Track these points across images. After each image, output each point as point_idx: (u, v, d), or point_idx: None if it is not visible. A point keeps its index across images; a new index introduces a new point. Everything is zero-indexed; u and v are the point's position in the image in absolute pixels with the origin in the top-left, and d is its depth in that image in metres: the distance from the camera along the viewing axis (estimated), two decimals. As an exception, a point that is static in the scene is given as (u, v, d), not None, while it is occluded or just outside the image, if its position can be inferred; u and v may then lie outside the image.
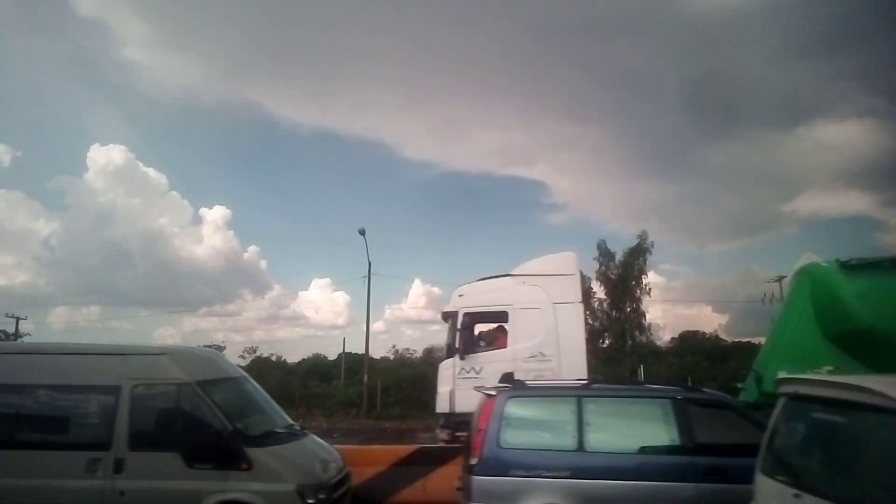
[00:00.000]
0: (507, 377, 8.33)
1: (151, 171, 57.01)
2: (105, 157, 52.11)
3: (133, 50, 60.85)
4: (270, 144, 67.35)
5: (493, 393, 6.08)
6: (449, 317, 9.08)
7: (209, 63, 61.86)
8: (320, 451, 6.72)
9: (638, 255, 29.06)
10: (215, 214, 55.82)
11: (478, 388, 6.45)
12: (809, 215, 54.80)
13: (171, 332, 49.87)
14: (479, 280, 9.43)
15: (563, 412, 5.82)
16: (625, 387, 6.82)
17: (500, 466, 5.50)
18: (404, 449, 8.63)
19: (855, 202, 55.02)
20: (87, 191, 53.77)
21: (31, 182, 65.35)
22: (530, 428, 5.88)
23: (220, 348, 33.07)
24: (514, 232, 60.01)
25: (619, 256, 29.41)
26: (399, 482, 7.78)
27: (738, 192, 55.68)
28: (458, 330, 8.81)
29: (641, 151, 58.06)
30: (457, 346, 8.72)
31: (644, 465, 5.62)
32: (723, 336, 32.81)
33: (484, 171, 68.94)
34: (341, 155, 66.93)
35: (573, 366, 8.43)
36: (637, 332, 28.82)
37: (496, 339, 9.03)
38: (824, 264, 8.82)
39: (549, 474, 5.44)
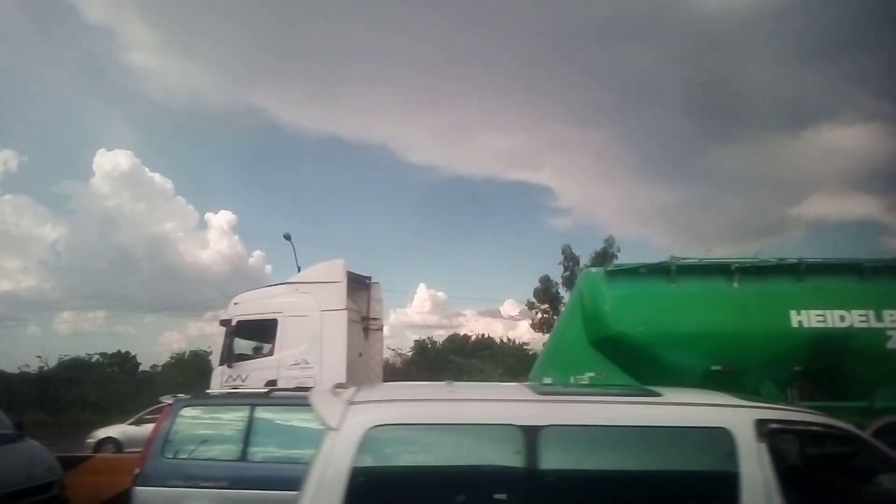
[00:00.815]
0: (271, 385, 8.34)
1: (157, 176, 56.85)
2: (111, 161, 51.86)
3: (139, 55, 61.07)
4: (275, 149, 67.22)
5: (169, 402, 6.09)
6: (225, 324, 9.15)
7: (215, 68, 61.81)
8: (28, 458, 6.72)
9: (604, 260, 29.06)
10: (220, 219, 55.83)
11: (161, 399, 6.47)
12: (816, 219, 54.02)
13: (177, 336, 50.03)
14: (261, 288, 9.52)
15: (234, 421, 5.80)
16: (301, 395, 6.78)
17: (161, 477, 5.42)
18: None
19: (862, 206, 54.33)
20: (93, 195, 53.36)
21: (38, 187, 64.85)
22: (200, 437, 5.85)
23: None
24: (520, 236, 59.87)
25: (584, 261, 29.44)
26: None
27: (744, 196, 55.06)
28: (229, 337, 8.89)
29: (647, 155, 57.78)
30: (227, 353, 8.82)
31: (304, 474, 5.59)
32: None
33: (489, 175, 68.67)
34: (346, 159, 67.17)
35: (334, 372, 8.42)
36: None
37: (271, 347, 9.08)
38: (594, 271, 8.80)
39: (206, 484, 5.40)
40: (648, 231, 56.18)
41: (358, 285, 10.48)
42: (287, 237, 24.67)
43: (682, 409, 3.48)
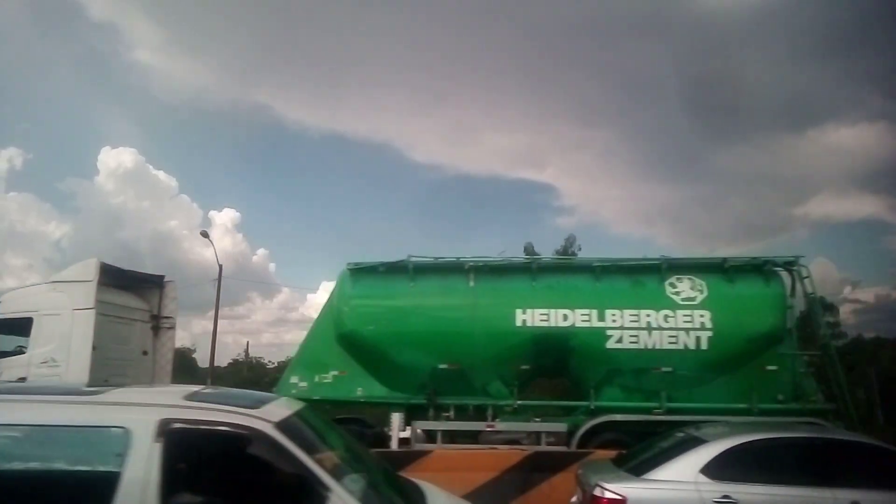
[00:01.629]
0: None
1: (161, 174, 55.94)
2: (115, 159, 50.37)
3: (144, 53, 60.62)
4: (280, 147, 66.44)
5: None
6: (-14, 323, 9.22)
7: (219, 66, 61.20)
8: None
9: None
10: (225, 217, 55.13)
11: None
12: (821, 219, 53.47)
13: (181, 334, 49.13)
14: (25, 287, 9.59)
15: None
16: None
17: None
18: None
19: (867, 206, 53.71)
20: (97, 193, 51.96)
21: (43, 184, 63.56)
22: None
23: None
24: (523, 235, 59.57)
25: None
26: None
27: (748, 196, 54.45)
28: (-14, 335, 9.00)
29: (651, 154, 57.22)
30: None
31: None
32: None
33: (493, 173, 68.12)
34: (350, 157, 66.57)
35: (78, 371, 8.49)
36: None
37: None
38: (345, 270, 8.82)
39: None
40: (654, 231, 55.89)
41: (150, 284, 10.53)
42: (205, 234, 24.82)
43: (88, 408, 3.47)
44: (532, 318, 8.01)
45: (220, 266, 24.96)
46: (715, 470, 4.20)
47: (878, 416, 17.41)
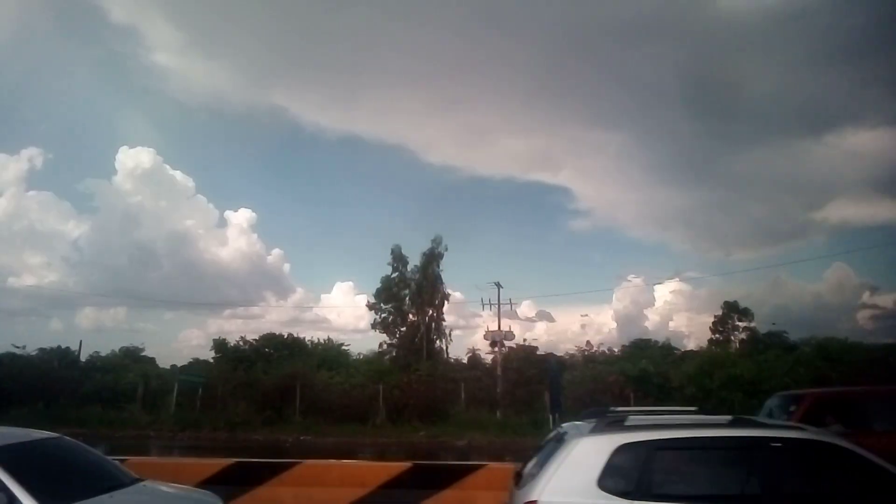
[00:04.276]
0: None
1: (178, 174, 57.38)
2: (133, 159, 52.42)
3: (162, 55, 63.01)
4: (295, 149, 68.45)
5: None
6: None
7: (236, 68, 62.86)
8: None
9: (431, 261, 29.34)
10: (240, 217, 56.41)
11: None
12: (838, 224, 49.32)
13: (196, 333, 51.35)
14: None
15: None
16: None
17: None
18: None
19: (885, 211, 48.48)
20: (115, 193, 54.14)
21: (62, 184, 66.89)
22: None
23: None
24: (538, 238, 58.55)
25: (414, 261, 29.68)
26: None
27: (765, 200, 51.29)
28: None
29: (667, 158, 55.18)
30: None
31: None
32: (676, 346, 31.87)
33: (508, 176, 67.99)
34: (365, 159, 67.66)
35: None
36: (437, 339, 29.07)
37: None
38: None
39: None
40: (669, 234, 53.25)
41: None
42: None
43: None
44: None
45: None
46: None
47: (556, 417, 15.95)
